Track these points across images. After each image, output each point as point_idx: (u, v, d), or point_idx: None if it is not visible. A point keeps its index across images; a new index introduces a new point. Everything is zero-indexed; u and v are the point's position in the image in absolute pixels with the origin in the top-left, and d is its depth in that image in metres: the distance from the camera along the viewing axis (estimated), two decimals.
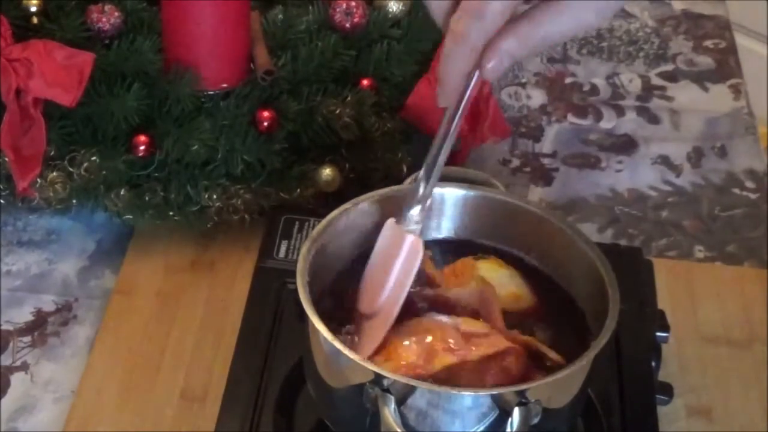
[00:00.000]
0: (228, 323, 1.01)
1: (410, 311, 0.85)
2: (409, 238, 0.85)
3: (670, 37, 1.45)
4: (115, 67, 1.07)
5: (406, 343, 0.82)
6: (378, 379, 0.78)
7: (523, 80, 1.37)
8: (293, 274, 0.84)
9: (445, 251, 0.92)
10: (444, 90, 0.80)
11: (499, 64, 0.77)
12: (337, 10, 1.14)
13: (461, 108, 0.80)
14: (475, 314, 0.85)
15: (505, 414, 0.78)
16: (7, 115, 1.03)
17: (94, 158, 1.06)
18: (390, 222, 0.86)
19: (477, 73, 0.78)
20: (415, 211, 0.85)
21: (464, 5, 0.76)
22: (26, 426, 0.97)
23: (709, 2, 1.52)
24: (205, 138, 1.07)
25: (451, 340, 0.81)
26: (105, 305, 1.06)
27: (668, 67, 1.41)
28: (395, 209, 0.90)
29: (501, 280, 0.89)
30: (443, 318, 0.84)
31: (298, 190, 1.10)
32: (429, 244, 0.93)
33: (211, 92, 1.09)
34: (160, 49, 1.09)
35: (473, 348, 0.81)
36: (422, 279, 0.88)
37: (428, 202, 0.85)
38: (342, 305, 0.87)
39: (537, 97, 1.35)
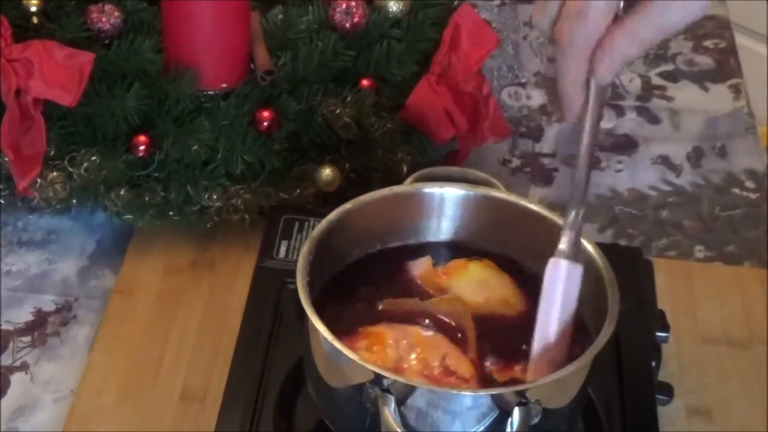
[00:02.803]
0: (228, 323, 1.01)
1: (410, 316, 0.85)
2: (564, 264, 0.81)
3: (669, 37, 1.45)
4: (115, 67, 1.07)
5: (390, 342, 0.83)
6: (378, 379, 0.78)
7: (523, 80, 1.37)
8: (293, 274, 0.84)
9: (445, 253, 0.92)
10: (567, 106, 0.76)
11: (611, 65, 0.73)
12: (337, 10, 1.14)
13: (590, 121, 0.76)
14: (449, 329, 0.85)
15: (505, 414, 0.78)
16: (7, 115, 1.03)
17: (94, 158, 1.06)
18: (551, 260, 0.81)
19: (593, 80, 0.73)
20: (568, 239, 0.81)
21: (565, 9, 0.72)
22: (26, 426, 0.97)
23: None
24: (205, 138, 1.07)
25: (432, 365, 0.82)
26: (105, 305, 1.06)
27: (668, 67, 1.41)
28: (395, 209, 0.90)
29: (491, 283, 0.89)
30: (441, 339, 0.84)
31: (298, 190, 1.10)
32: (428, 246, 0.93)
33: (211, 92, 1.09)
34: (160, 49, 1.08)
35: (441, 384, 0.81)
36: (417, 291, 0.88)
37: (580, 227, 0.81)
38: (342, 305, 0.87)
39: (537, 97, 1.35)
